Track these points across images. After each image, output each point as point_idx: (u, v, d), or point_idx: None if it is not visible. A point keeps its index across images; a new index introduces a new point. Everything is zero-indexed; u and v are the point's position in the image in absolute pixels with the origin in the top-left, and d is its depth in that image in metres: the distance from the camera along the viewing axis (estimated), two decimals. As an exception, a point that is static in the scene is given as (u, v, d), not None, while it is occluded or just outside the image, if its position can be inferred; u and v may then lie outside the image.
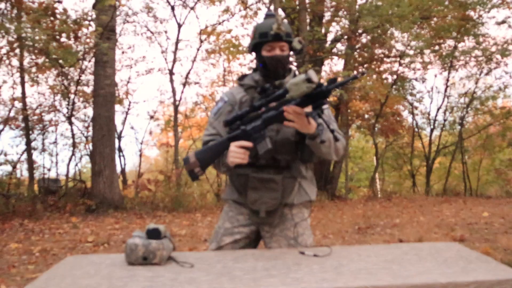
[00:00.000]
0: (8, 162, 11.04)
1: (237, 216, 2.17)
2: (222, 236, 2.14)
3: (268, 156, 2.06)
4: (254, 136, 1.93)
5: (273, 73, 2.10)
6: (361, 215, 8.22)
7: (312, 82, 1.76)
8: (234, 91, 2.21)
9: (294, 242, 2.10)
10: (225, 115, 2.15)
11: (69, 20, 9.01)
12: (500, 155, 16.08)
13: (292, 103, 1.86)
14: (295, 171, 2.13)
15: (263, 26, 2.08)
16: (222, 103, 2.19)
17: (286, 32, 2.06)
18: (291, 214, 2.14)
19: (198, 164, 1.97)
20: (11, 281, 4.00)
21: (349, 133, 14.67)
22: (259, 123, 1.93)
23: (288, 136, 2.08)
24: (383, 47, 12.85)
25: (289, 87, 1.81)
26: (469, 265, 1.64)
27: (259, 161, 2.09)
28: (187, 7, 12.78)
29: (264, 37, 2.07)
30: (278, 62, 2.08)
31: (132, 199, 9.84)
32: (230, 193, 2.22)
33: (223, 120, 2.03)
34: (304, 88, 1.77)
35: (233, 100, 2.17)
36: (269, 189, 2.08)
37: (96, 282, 1.53)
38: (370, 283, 1.44)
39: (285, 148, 2.08)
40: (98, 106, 9.08)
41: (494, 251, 4.71)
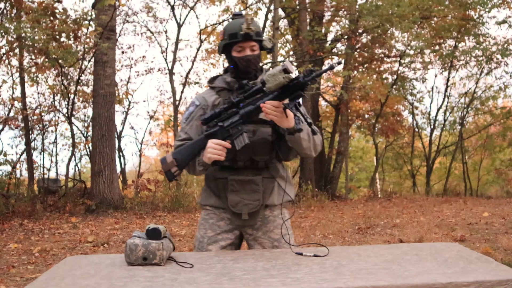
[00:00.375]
0: (8, 162, 11.05)
1: (218, 222, 2.13)
2: (207, 245, 2.09)
3: (246, 157, 2.04)
4: (232, 132, 1.91)
5: (245, 74, 2.07)
6: (361, 215, 8.22)
7: (289, 73, 1.75)
8: (205, 94, 2.17)
9: (278, 243, 2.10)
10: (197, 119, 2.10)
11: (69, 20, 9.02)
12: (500, 155, 16.09)
13: (269, 96, 1.84)
14: (273, 171, 2.12)
15: (232, 27, 2.04)
16: (193, 107, 2.14)
17: (256, 32, 2.02)
18: (273, 216, 2.13)
19: (175, 163, 1.95)
20: (10, 281, 4.00)
21: (349, 133, 14.67)
22: (237, 118, 1.91)
23: (265, 136, 2.05)
24: (383, 47, 12.85)
25: (266, 79, 1.79)
26: (469, 265, 1.64)
27: (237, 164, 2.06)
28: (187, 7, 12.79)
29: (234, 37, 2.03)
30: (249, 63, 2.05)
31: (132, 199, 9.84)
32: (207, 198, 2.16)
33: (200, 119, 1.99)
34: (281, 79, 1.76)
35: (204, 104, 2.12)
36: (250, 190, 2.05)
37: (96, 282, 1.52)
38: (370, 283, 1.44)
39: (262, 149, 2.05)
40: (98, 106, 9.08)
41: (495, 251, 4.71)
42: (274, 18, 9.41)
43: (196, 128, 2.10)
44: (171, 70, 12.56)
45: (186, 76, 13.35)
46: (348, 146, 16.05)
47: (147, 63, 26.93)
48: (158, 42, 18.56)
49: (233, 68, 2.09)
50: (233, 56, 2.07)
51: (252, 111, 1.89)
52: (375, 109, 14.39)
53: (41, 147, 11.60)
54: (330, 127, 14.98)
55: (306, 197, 10.57)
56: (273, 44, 2.09)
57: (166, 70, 13.66)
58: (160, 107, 18.50)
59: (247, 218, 2.05)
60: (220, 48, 2.11)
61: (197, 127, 2.10)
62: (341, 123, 13.40)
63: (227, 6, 13.66)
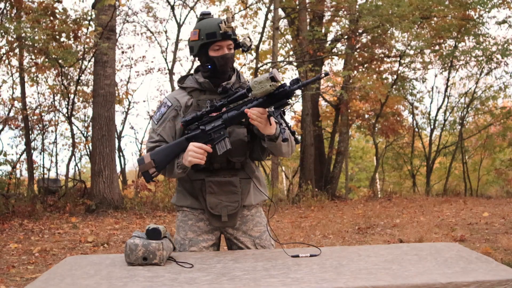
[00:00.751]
0: (8, 162, 11.05)
1: (197, 223, 2.10)
2: (189, 247, 2.08)
3: (222, 159, 2.03)
4: (214, 136, 1.90)
5: (221, 73, 2.05)
6: (361, 215, 8.22)
7: (276, 81, 1.75)
8: (176, 95, 2.12)
9: (259, 241, 2.11)
10: (169, 120, 2.07)
11: (69, 20, 9.02)
12: (500, 155, 16.08)
13: (254, 103, 1.83)
14: (249, 171, 2.11)
15: (209, 26, 2.00)
16: (165, 108, 2.09)
17: (232, 30, 2.01)
18: (251, 214, 2.14)
19: (153, 165, 1.91)
20: (10, 281, 4.00)
21: (349, 133, 14.67)
22: (219, 123, 1.89)
23: (241, 137, 2.04)
24: (383, 47, 12.85)
25: (252, 85, 1.78)
26: (469, 265, 1.64)
27: (213, 165, 2.04)
28: (187, 7, 12.79)
29: (213, 37, 1.99)
30: (227, 61, 2.03)
31: (132, 199, 9.84)
32: (182, 199, 2.14)
33: (181, 121, 1.95)
34: (268, 87, 1.76)
35: (177, 105, 2.08)
36: (228, 192, 2.04)
37: (96, 282, 1.52)
38: (370, 283, 1.44)
39: (238, 150, 2.04)
40: (98, 106, 9.08)
41: (495, 251, 4.71)
42: (274, 18, 9.41)
43: (169, 129, 2.07)
44: (171, 70, 12.56)
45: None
46: (348, 146, 16.05)
47: (147, 63, 26.94)
48: (158, 42, 18.60)
49: (210, 68, 2.05)
50: (211, 56, 2.03)
51: (236, 116, 1.88)
52: (375, 109, 14.39)
53: (41, 147, 11.60)
54: (330, 127, 14.98)
55: (306, 197, 10.57)
56: (251, 43, 2.05)
57: (166, 70, 13.66)
58: (160, 107, 18.50)
59: (226, 220, 2.04)
60: (195, 48, 2.05)
61: (170, 129, 2.07)
62: (341, 123, 13.40)
63: (227, 6, 13.64)
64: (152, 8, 13.94)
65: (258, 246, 2.11)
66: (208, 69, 2.06)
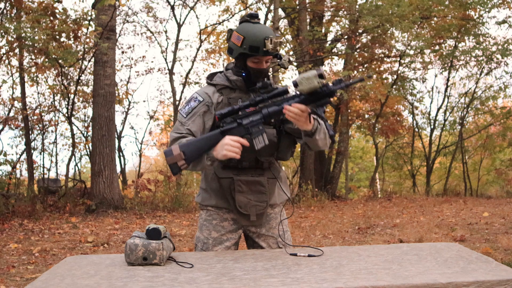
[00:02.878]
0: (8, 162, 11.04)
1: (222, 223, 2.11)
2: (212, 246, 2.09)
3: (251, 157, 2.04)
4: (252, 130, 1.87)
5: (254, 83, 2.04)
6: (361, 215, 8.22)
7: (323, 78, 1.75)
8: (207, 90, 2.10)
9: (281, 239, 2.13)
10: (199, 115, 2.05)
11: (68, 20, 9.02)
12: (500, 155, 16.08)
13: (296, 99, 1.83)
14: (274, 171, 2.13)
15: (255, 38, 1.97)
16: (196, 102, 2.07)
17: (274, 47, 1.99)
18: (274, 213, 2.16)
19: (183, 157, 1.86)
20: (10, 281, 4.00)
21: (349, 133, 14.67)
22: (258, 117, 1.88)
23: (271, 137, 2.05)
24: (383, 47, 12.85)
25: (299, 81, 1.77)
26: (469, 265, 1.64)
27: (242, 164, 2.05)
28: (187, 7, 12.79)
29: (255, 51, 1.97)
30: (262, 74, 2.04)
31: (132, 199, 9.84)
32: (207, 199, 2.14)
33: (216, 113, 1.91)
34: (315, 83, 1.76)
35: (208, 101, 2.07)
36: (257, 191, 2.06)
37: (96, 282, 1.52)
38: (370, 283, 1.44)
39: (267, 150, 2.05)
40: (98, 106, 9.08)
41: (495, 251, 4.71)
42: (274, 18, 9.41)
43: (198, 124, 2.06)
44: (171, 70, 12.56)
45: (186, 76, 13.35)
46: (348, 146, 16.05)
47: (147, 63, 27.05)
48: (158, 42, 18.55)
49: (244, 76, 2.05)
50: (249, 66, 2.03)
51: (276, 112, 1.86)
52: (375, 109, 14.39)
53: (41, 147, 11.61)
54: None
55: (306, 197, 10.57)
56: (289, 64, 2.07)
57: (166, 70, 13.66)
58: (160, 107, 18.53)
59: (255, 220, 2.05)
60: (235, 53, 2.03)
61: (199, 124, 2.06)
62: (341, 123, 13.40)
63: (227, 6, 13.66)
64: (152, 8, 13.95)
65: (280, 244, 2.13)
66: (242, 76, 2.06)
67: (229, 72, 2.11)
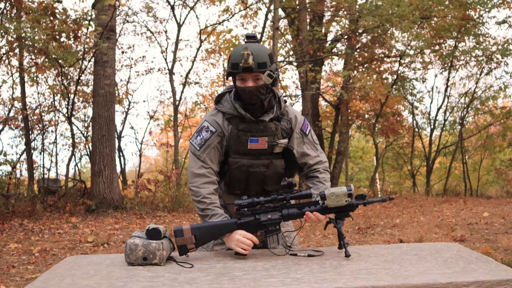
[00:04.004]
0: (8, 162, 11.05)
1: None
2: (213, 246, 2.10)
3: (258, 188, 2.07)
4: (268, 228, 1.86)
5: (248, 104, 1.99)
6: (361, 215, 8.22)
7: (351, 197, 1.79)
8: (217, 119, 2.05)
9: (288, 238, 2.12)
10: (214, 147, 2.02)
11: (68, 20, 9.02)
12: (500, 155, 16.09)
13: (318, 207, 1.85)
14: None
15: (236, 56, 1.93)
16: (209, 133, 2.02)
17: (258, 63, 1.91)
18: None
19: (194, 241, 1.82)
20: (10, 281, 3.99)
21: (349, 133, 14.67)
22: (277, 216, 1.86)
23: (279, 170, 2.08)
24: (383, 47, 12.85)
25: (328, 196, 1.79)
26: (469, 265, 1.64)
27: (249, 193, 2.06)
28: (187, 7, 12.79)
29: (235, 68, 1.94)
30: (251, 94, 1.95)
31: (132, 199, 9.84)
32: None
33: (235, 204, 1.85)
34: (343, 202, 1.79)
35: (220, 131, 2.03)
36: None
37: (96, 282, 1.52)
38: (370, 283, 1.44)
39: (274, 180, 2.09)
40: (98, 106, 9.08)
41: (495, 251, 4.70)
42: (274, 18, 9.40)
43: (214, 156, 2.03)
44: (171, 70, 12.56)
45: (186, 76, 13.36)
46: (348, 146, 16.05)
47: (147, 63, 27.07)
48: (158, 42, 18.58)
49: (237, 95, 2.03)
50: (236, 85, 2.00)
51: (296, 215, 1.87)
52: (375, 109, 14.40)
53: (41, 147, 11.61)
54: (330, 127, 14.98)
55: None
56: (274, 78, 1.97)
57: (166, 70, 13.67)
58: (160, 107, 18.54)
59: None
60: (226, 73, 2.04)
61: (214, 155, 2.03)
62: (341, 123, 13.40)
63: (227, 6, 13.66)
64: (152, 8, 13.95)
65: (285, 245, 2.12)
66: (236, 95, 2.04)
67: (238, 103, 2.04)
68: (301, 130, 2.11)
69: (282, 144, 2.05)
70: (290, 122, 2.10)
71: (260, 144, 2.02)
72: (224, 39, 13.84)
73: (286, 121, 2.09)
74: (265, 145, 2.03)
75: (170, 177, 10.29)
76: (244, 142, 2.01)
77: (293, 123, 2.10)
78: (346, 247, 1.79)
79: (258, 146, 2.02)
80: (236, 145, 2.02)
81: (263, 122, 2.02)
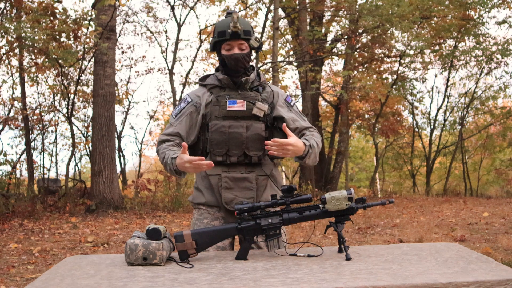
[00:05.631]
0: (8, 162, 11.05)
1: (213, 222, 2.12)
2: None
3: (239, 152, 2.06)
4: (268, 233, 1.86)
5: (234, 72, 2.10)
6: (361, 215, 8.22)
7: (351, 201, 1.79)
8: (197, 92, 2.18)
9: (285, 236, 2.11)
10: (187, 116, 2.12)
11: (68, 20, 9.02)
12: (500, 155, 16.09)
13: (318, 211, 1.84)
14: (266, 168, 2.13)
15: (222, 25, 2.06)
16: (185, 103, 2.15)
17: (244, 30, 2.04)
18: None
19: (195, 246, 1.81)
20: (10, 281, 4.00)
21: (349, 133, 14.67)
22: (277, 221, 1.85)
23: (259, 132, 2.07)
24: (383, 47, 12.85)
25: (328, 199, 1.79)
26: (469, 265, 1.64)
27: (230, 159, 2.07)
28: (187, 7, 12.79)
29: (222, 35, 2.05)
30: (237, 61, 2.07)
31: (132, 199, 9.84)
32: (199, 197, 2.15)
33: (235, 208, 1.86)
34: (343, 206, 1.79)
35: (197, 101, 2.14)
36: (244, 188, 2.06)
37: (96, 282, 1.52)
38: (370, 283, 1.44)
39: (256, 144, 2.07)
40: (98, 106, 9.08)
41: (495, 251, 4.71)
42: (274, 18, 9.41)
43: (185, 123, 2.12)
44: (171, 70, 12.56)
45: (186, 76, 13.35)
46: (348, 146, 16.05)
47: (147, 63, 27.09)
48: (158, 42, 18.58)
49: (223, 66, 2.12)
50: (222, 54, 2.10)
51: (296, 219, 1.86)
52: (375, 109, 14.40)
53: (41, 147, 11.62)
54: (330, 127, 14.99)
55: (306, 197, 10.56)
56: (259, 43, 2.10)
57: (166, 70, 13.67)
58: (160, 107, 18.53)
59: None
60: (211, 45, 2.14)
61: (186, 123, 2.12)
62: (341, 123, 13.40)
63: (227, 6, 13.64)
64: (152, 8, 13.95)
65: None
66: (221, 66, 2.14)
67: (219, 72, 2.17)
68: (285, 100, 2.18)
69: (261, 107, 2.07)
70: (272, 95, 2.16)
71: (239, 105, 2.08)
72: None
73: (267, 92, 2.16)
74: (243, 107, 2.07)
75: (170, 177, 10.29)
76: (223, 104, 2.08)
77: (274, 95, 2.16)
78: (347, 250, 1.79)
79: (236, 108, 2.07)
80: (216, 111, 2.09)
81: (242, 89, 2.11)
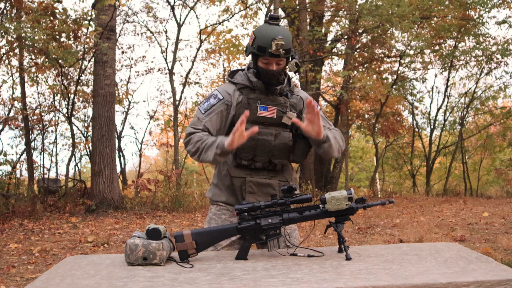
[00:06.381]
0: (8, 162, 11.05)
1: (231, 218, 2.14)
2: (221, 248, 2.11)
3: (265, 159, 2.07)
4: (269, 233, 1.85)
5: (267, 84, 2.08)
6: (361, 215, 8.22)
7: (351, 200, 1.79)
8: (228, 89, 2.12)
9: (289, 237, 2.13)
10: (217, 114, 2.08)
11: (69, 20, 9.02)
12: (500, 155, 16.09)
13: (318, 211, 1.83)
14: (287, 174, 2.15)
15: (263, 39, 1.98)
16: (216, 100, 2.09)
17: (285, 49, 1.99)
18: None
19: (195, 246, 1.80)
20: (10, 281, 4.00)
21: (349, 133, 14.67)
22: (277, 221, 1.85)
23: (287, 141, 2.09)
24: (383, 47, 12.85)
25: (328, 199, 1.79)
26: (469, 265, 1.64)
27: (255, 164, 2.08)
28: (187, 7, 12.79)
29: (262, 51, 2.00)
30: (272, 77, 2.05)
31: (132, 199, 9.84)
32: (219, 195, 2.17)
33: (235, 208, 1.85)
34: (343, 206, 1.79)
35: (228, 100, 2.09)
36: (267, 194, 2.09)
37: (96, 282, 1.52)
38: (370, 283, 1.44)
39: (282, 152, 2.09)
40: (98, 106, 9.08)
41: (495, 251, 4.71)
42: (274, 18, 9.42)
43: (215, 121, 2.08)
44: (171, 70, 12.55)
45: (186, 76, 13.35)
46: (348, 146, 16.05)
47: (147, 63, 27.09)
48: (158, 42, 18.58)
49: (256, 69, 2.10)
50: (259, 66, 2.06)
51: (296, 219, 1.86)
52: (375, 109, 14.40)
53: (41, 147, 11.61)
54: (330, 127, 14.96)
55: (306, 197, 10.56)
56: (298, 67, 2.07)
57: (166, 70, 13.66)
58: (160, 107, 18.54)
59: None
60: (247, 52, 2.09)
61: (216, 121, 2.08)
62: (341, 123, 13.40)
63: (227, 6, 13.66)
64: (152, 8, 13.95)
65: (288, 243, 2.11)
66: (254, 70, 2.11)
67: (251, 72, 2.13)
68: None
69: (291, 115, 2.08)
70: (302, 101, 2.17)
71: (270, 112, 2.07)
72: (224, 39, 13.84)
73: (296, 98, 2.16)
74: (274, 114, 2.07)
75: (170, 177, 10.29)
76: (254, 109, 2.06)
77: (304, 101, 2.15)
78: (347, 250, 1.79)
79: (267, 114, 2.07)
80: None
81: (273, 94, 2.09)
